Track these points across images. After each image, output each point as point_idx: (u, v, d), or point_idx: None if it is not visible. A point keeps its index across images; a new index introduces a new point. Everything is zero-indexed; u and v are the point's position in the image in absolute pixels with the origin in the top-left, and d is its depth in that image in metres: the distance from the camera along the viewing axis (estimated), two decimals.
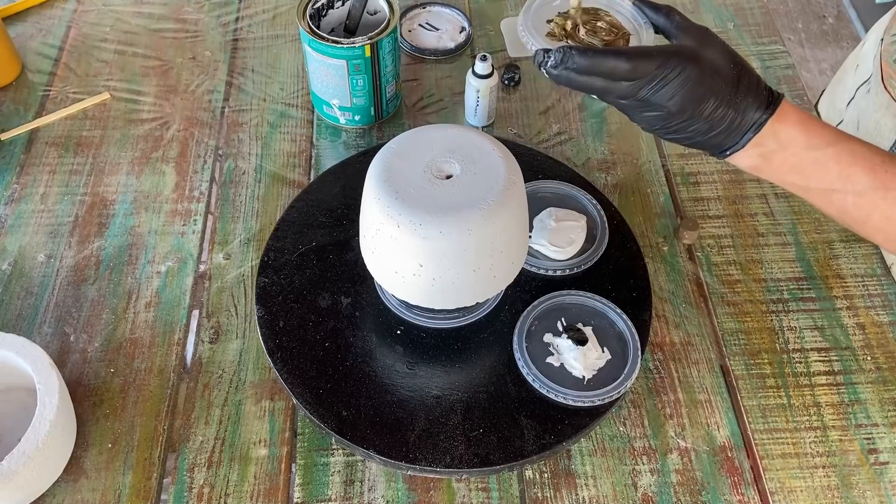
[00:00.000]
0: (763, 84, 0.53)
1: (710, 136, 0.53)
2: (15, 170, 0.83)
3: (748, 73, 0.53)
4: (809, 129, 0.53)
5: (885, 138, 0.75)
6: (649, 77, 0.50)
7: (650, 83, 0.50)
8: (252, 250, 0.77)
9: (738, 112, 0.52)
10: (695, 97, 0.51)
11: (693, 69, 0.50)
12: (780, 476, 0.64)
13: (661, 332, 0.72)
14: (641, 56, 0.50)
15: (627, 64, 0.50)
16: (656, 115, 0.52)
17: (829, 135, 0.53)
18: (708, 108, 0.51)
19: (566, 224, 0.73)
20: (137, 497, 0.62)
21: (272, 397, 0.67)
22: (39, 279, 0.74)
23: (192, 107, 0.89)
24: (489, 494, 0.63)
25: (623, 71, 0.50)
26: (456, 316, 0.68)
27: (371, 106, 0.84)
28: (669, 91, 0.51)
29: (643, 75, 0.50)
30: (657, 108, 0.52)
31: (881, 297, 0.74)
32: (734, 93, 0.51)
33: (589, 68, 0.50)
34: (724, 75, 0.51)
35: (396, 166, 0.58)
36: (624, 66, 0.50)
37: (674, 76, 0.50)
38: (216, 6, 1.00)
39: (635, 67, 0.50)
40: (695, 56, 0.51)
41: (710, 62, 0.51)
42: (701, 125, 0.52)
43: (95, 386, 0.68)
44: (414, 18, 0.97)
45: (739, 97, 0.51)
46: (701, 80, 0.50)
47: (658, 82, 0.50)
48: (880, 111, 0.76)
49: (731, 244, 0.78)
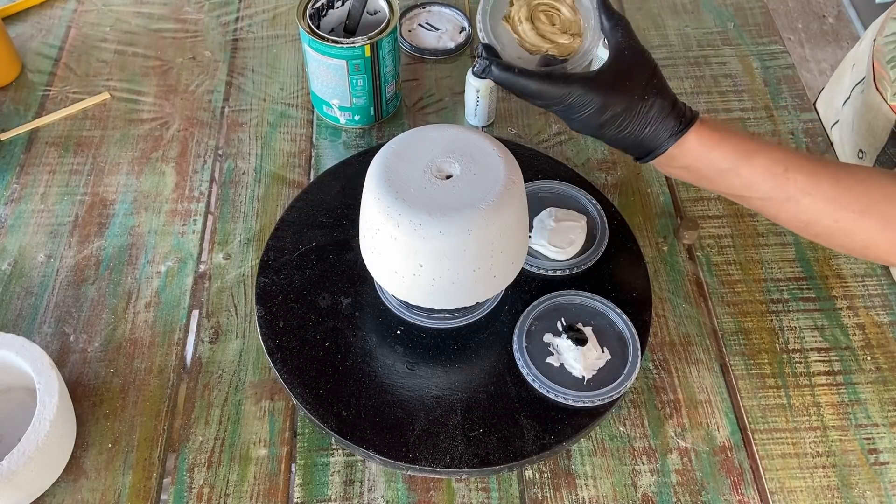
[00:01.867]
0: (677, 109, 0.57)
1: (623, 149, 0.59)
2: (15, 170, 0.83)
3: (661, 100, 0.56)
4: (713, 147, 0.57)
5: (878, 139, 0.75)
6: (555, 102, 0.56)
7: (557, 106, 0.56)
8: (252, 250, 0.77)
9: (645, 135, 0.57)
10: (594, 124, 0.56)
11: (595, 102, 0.55)
12: (780, 476, 0.64)
13: (661, 332, 0.72)
14: (549, 81, 0.55)
15: (536, 87, 0.55)
16: (575, 126, 0.58)
17: (733, 150, 0.57)
18: (610, 131, 0.56)
19: (566, 224, 0.73)
20: (137, 497, 0.62)
21: (272, 397, 0.67)
22: (39, 279, 0.74)
23: (192, 107, 0.89)
24: (489, 494, 0.63)
25: (531, 91, 0.56)
26: (456, 316, 0.68)
27: (371, 106, 0.84)
28: (572, 114, 0.56)
29: (549, 100, 0.56)
30: (572, 123, 0.57)
31: (881, 297, 0.74)
32: (642, 126, 0.56)
33: (504, 82, 0.56)
34: (632, 110, 0.56)
35: (396, 166, 0.58)
36: (533, 87, 0.55)
37: (577, 104, 0.55)
38: (216, 6, 1.00)
39: (541, 91, 0.55)
40: (603, 88, 0.55)
41: (621, 99, 0.55)
42: (610, 140, 0.58)
43: (95, 386, 0.68)
44: (414, 18, 0.97)
45: (648, 125, 0.56)
46: (601, 112, 0.55)
47: (563, 107, 0.56)
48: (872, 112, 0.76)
49: (731, 244, 0.78)
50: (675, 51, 0.96)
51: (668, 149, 0.57)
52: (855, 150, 0.79)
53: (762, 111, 0.90)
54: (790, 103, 0.90)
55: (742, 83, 0.92)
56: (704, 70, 0.94)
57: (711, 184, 0.59)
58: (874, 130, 0.75)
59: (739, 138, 0.58)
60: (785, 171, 0.56)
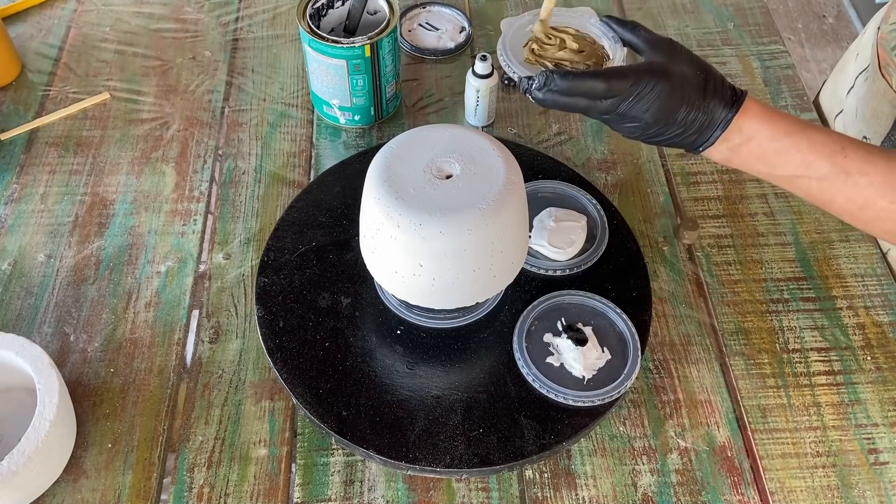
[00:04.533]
0: (727, 84, 0.57)
1: (684, 138, 0.57)
2: (15, 170, 0.83)
3: (713, 76, 0.56)
4: (771, 121, 0.56)
5: (883, 125, 0.75)
6: (625, 94, 0.54)
7: (627, 99, 0.54)
8: (252, 250, 0.77)
9: (707, 114, 0.56)
10: (668, 108, 0.55)
11: (664, 83, 0.54)
12: (780, 476, 0.64)
13: (661, 332, 0.72)
14: (616, 76, 0.54)
15: (604, 84, 0.54)
16: (635, 125, 0.56)
17: (790, 125, 0.56)
18: (680, 115, 0.55)
19: (566, 224, 0.73)
20: (137, 497, 0.62)
21: (272, 397, 0.67)
22: (39, 279, 0.74)
23: (192, 107, 0.89)
24: (489, 494, 0.63)
25: (600, 90, 0.54)
26: (456, 316, 0.68)
27: (371, 106, 0.84)
28: (645, 105, 0.55)
29: (619, 93, 0.54)
30: (635, 120, 0.56)
31: (881, 297, 0.74)
32: (702, 98, 0.55)
33: (570, 89, 0.55)
34: (692, 84, 0.55)
35: (396, 166, 0.58)
36: (601, 86, 0.54)
37: (647, 91, 0.54)
38: (216, 6, 1.00)
39: (611, 86, 0.54)
40: (665, 70, 0.55)
41: (679, 74, 0.55)
42: (675, 129, 0.56)
43: (95, 386, 0.68)
44: (414, 18, 0.97)
45: (707, 101, 0.55)
46: (672, 91, 0.54)
47: (633, 98, 0.54)
48: (877, 98, 0.76)
49: (731, 244, 0.78)
50: None
51: (732, 118, 0.55)
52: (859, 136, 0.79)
53: None
54: (790, 103, 0.90)
55: (742, 83, 0.92)
56: None
57: (770, 165, 0.57)
58: (879, 117, 0.75)
59: (790, 116, 0.57)
60: (843, 148, 0.55)
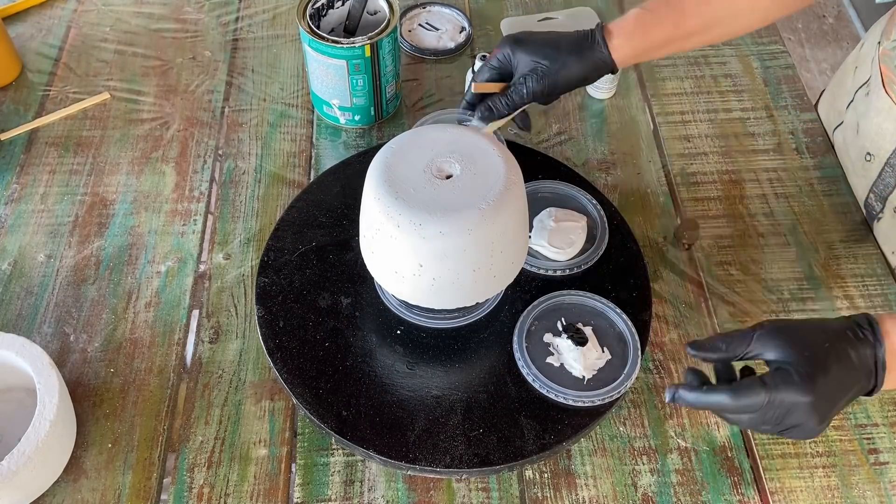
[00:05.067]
0: (858, 332, 0.51)
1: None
2: (15, 170, 0.83)
3: (838, 341, 0.50)
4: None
5: (887, 142, 0.75)
6: (762, 409, 0.49)
7: (769, 415, 0.49)
8: (252, 250, 0.77)
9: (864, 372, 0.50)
10: (824, 412, 0.49)
11: (802, 394, 0.48)
12: (780, 476, 0.64)
13: (661, 332, 0.72)
14: (746, 391, 0.49)
15: (733, 402, 0.49)
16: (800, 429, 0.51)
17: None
18: (840, 405, 0.50)
19: (566, 224, 0.73)
20: (137, 497, 0.62)
21: (272, 397, 0.67)
22: (39, 279, 0.74)
23: (192, 107, 0.89)
24: (489, 494, 0.63)
25: (731, 408, 0.50)
26: (456, 316, 0.68)
27: (371, 106, 0.84)
28: (794, 419, 0.49)
29: (752, 410, 0.49)
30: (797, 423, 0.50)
31: (881, 297, 0.74)
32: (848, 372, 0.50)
33: (696, 404, 0.51)
34: (832, 375, 0.49)
35: (396, 166, 0.58)
36: (730, 404, 0.49)
37: (788, 405, 0.48)
38: (216, 6, 1.00)
39: (740, 405, 0.49)
40: (801, 378, 0.49)
41: (813, 372, 0.49)
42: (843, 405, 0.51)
43: (95, 386, 0.68)
44: (414, 18, 0.97)
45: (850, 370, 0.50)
46: (816, 402, 0.48)
47: (776, 416, 0.49)
48: (881, 115, 0.76)
49: (731, 244, 0.78)
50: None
51: (883, 361, 0.51)
52: (862, 152, 0.79)
53: (762, 111, 0.90)
54: (790, 103, 0.90)
55: (742, 83, 0.92)
56: (704, 70, 0.94)
57: None
58: (884, 133, 0.75)
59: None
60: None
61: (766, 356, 0.51)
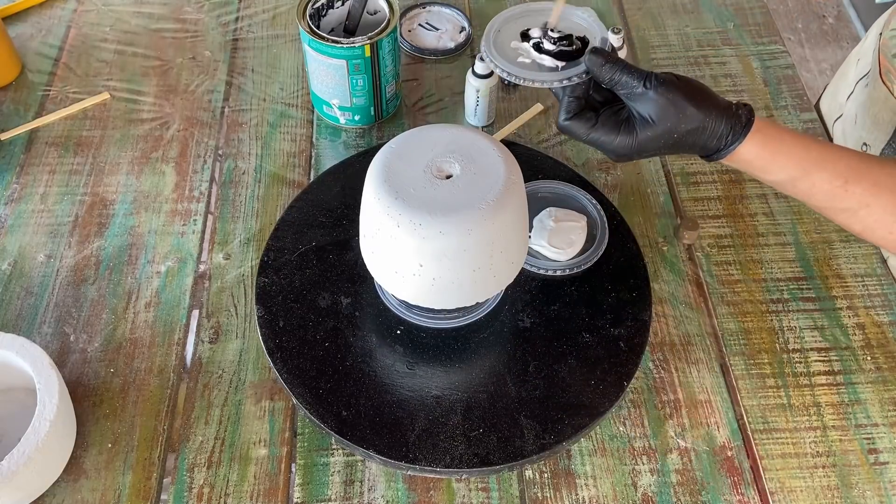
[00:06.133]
0: (731, 112, 0.56)
1: (688, 149, 0.58)
2: (15, 170, 0.83)
3: (716, 105, 0.56)
4: (772, 161, 0.57)
5: (883, 132, 0.75)
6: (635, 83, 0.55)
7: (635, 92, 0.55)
8: (252, 250, 0.77)
9: (706, 140, 0.56)
10: (672, 122, 0.55)
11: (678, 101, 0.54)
12: (780, 476, 0.64)
13: (661, 332, 0.72)
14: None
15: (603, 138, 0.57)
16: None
17: (793, 165, 0.57)
18: (685, 126, 0.55)
19: (566, 224, 0.73)
20: (137, 497, 0.62)
21: (272, 397, 0.67)
22: (39, 279, 0.74)
23: (192, 107, 0.89)
24: (489, 494, 0.63)
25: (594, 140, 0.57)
26: (456, 316, 0.68)
27: (371, 106, 0.84)
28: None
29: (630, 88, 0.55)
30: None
31: (881, 297, 0.74)
32: (709, 123, 0.55)
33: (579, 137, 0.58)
34: (707, 109, 0.55)
35: (396, 166, 0.58)
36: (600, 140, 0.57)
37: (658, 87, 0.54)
38: (216, 6, 1.00)
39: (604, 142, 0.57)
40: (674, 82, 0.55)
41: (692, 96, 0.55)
42: (677, 142, 0.56)
43: (95, 386, 0.68)
44: (414, 18, 0.97)
45: (709, 127, 0.55)
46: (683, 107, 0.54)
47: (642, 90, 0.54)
48: (878, 105, 0.76)
49: (731, 244, 0.78)
50: (675, 51, 0.96)
51: (725, 157, 0.57)
52: (858, 143, 0.79)
53: (762, 111, 0.90)
54: (790, 103, 0.90)
55: (742, 83, 0.92)
56: (704, 70, 0.94)
57: (772, 185, 0.60)
58: (880, 123, 0.75)
59: (799, 148, 0.56)
60: (845, 183, 0.56)
61: (640, 110, 0.56)
